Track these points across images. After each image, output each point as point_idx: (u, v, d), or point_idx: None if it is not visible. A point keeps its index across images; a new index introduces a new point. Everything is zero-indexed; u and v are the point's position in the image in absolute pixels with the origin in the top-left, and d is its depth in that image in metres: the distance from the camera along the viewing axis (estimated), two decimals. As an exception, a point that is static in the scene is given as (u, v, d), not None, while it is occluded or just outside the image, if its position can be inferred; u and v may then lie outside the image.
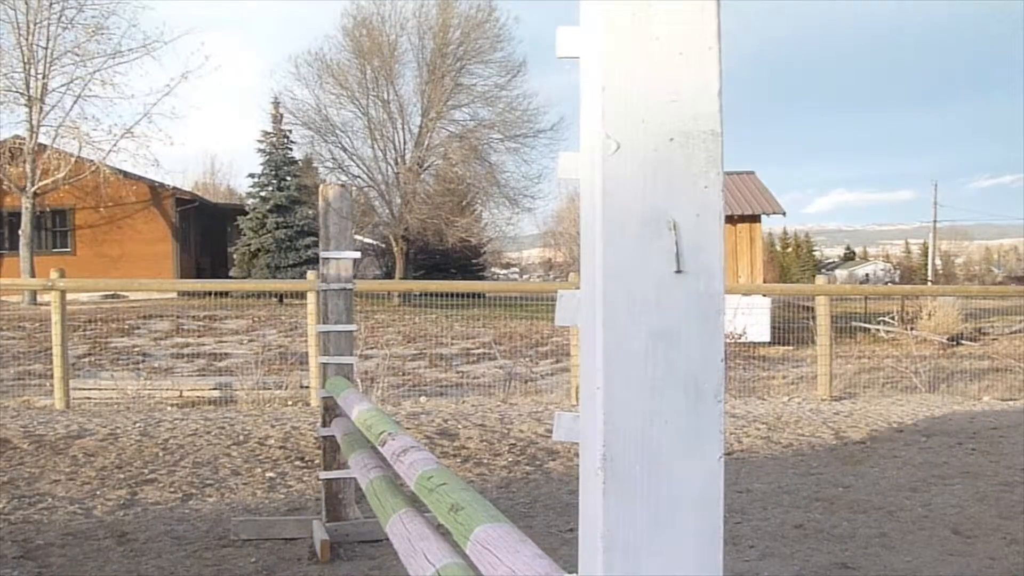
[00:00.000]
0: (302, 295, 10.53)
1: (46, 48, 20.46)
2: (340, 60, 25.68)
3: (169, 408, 7.87)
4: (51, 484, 4.83)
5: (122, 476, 5.02)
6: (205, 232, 27.62)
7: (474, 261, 30.49)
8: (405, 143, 26.12)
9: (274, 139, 25.02)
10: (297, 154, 26.02)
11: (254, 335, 12.74)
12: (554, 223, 47.49)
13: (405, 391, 9.48)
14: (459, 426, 6.58)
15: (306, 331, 9.07)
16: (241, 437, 6.02)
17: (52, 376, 7.86)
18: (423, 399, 8.95)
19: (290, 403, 8.22)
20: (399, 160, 25.91)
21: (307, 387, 8.56)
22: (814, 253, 72.49)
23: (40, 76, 20.49)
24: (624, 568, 1.01)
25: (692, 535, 1.03)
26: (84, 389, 8.81)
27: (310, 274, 8.58)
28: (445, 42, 25.44)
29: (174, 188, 25.67)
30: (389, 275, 28.12)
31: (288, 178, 24.74)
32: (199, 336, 13.21)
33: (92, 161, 21.17)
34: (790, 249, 67.74)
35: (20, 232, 20.67)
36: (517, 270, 56.96)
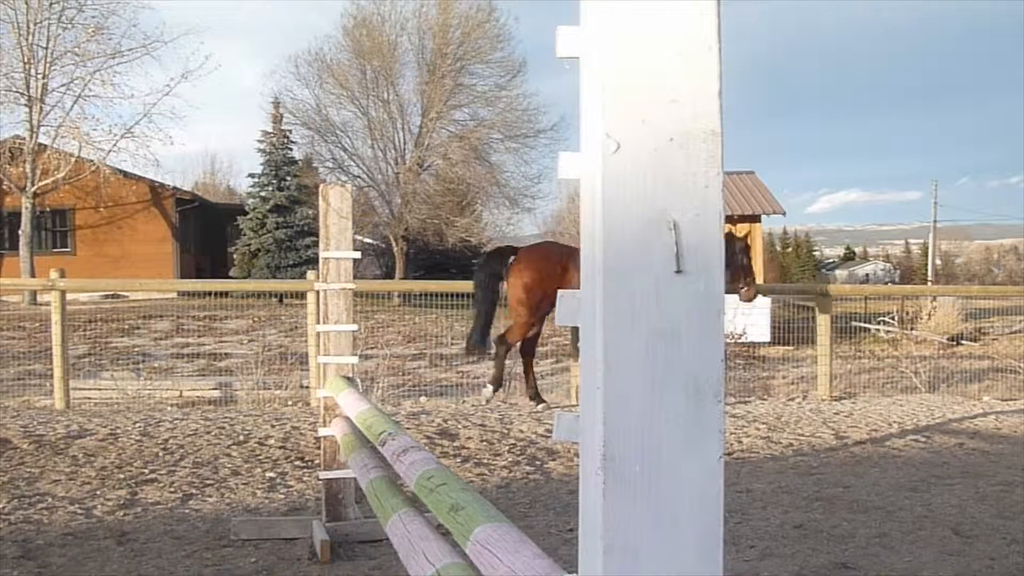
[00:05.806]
0: (302, 295, 10.52)
1: (46, 48, 20.49)
2: (340, 60, 25.72)
3: (169, 408, 7.87)
4: (51, 484, 4.83)
5: (122, 476, 5.02)
6: (205, 232, 27.62)
7: (474, 261, 30.45)
8: (405, 143, 26.14)
9: (274, 139, 25.05)
10: (297, 154, 26.06)
11: (254, 335, 12.74)
12: (554, 223, 47.43)
13: (405, 391, 9.48)
14: (459, 426, 6.58)
15: (306, 331, 9.08)
16: (241, 437, 6.02)
17: (52, 376, 7.86)
18: (423, 399, 8.95)
19: (290, 403, 8.22)
20: (399, 160, 25.92)
21: (307, 387, 8.57)
22: (814, 253, 72.41)
23: (40, 76, 20.50)
24: (624, 568, 1.01)
25: (692, 535, 1.03)
26: (84, 389, 8.81)
27: (310, 274, 8.58)
28: (445, 42, 25.45)
29: (174, 188, 25.70)
30: (389, 275, 28.11)
31: (288, 178, 24.76)
32: (199, 336, 13.22)
33: (92, 161, 21.18)
34: (790, 249, 67.69)
35: (20, 232, 20.68)
36: (517, 270, 56.81)
